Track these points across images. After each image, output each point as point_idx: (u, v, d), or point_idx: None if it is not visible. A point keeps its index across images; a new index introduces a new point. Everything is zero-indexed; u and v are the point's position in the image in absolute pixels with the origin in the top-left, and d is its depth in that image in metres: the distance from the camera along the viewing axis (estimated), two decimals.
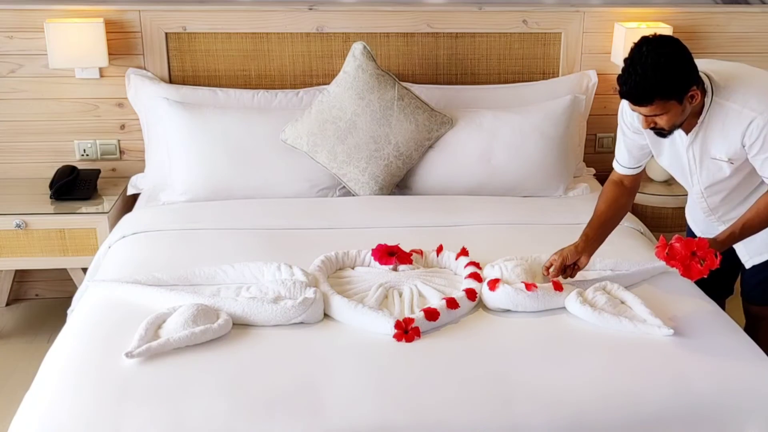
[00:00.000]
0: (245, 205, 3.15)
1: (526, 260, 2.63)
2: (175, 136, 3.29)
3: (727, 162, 2.44)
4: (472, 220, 3.05)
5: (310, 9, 3.51)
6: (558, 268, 2.52)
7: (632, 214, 3.26)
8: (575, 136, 3.50)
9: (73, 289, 3.19)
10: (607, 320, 2.34)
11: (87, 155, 3.59)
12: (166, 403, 2.02)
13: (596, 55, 3.65)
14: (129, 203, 3.45)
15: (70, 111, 3.53)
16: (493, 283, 2.45)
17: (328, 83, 3.38)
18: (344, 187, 3.30)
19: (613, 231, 2.67)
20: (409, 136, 3.26)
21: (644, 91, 2.23)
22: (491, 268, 2.57)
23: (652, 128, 2.37)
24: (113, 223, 3.19)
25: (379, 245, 2.68)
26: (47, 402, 2.06)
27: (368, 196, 3.25)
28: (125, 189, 3.48)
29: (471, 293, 2.46)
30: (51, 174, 3.43)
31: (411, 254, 2.67)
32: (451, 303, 2.39)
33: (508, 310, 2.44)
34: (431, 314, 2.33)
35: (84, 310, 2.48)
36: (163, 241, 2.87)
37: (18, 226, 3.21)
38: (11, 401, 2.46)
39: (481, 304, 2.48)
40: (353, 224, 3.00)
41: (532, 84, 3.62)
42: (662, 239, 2.33)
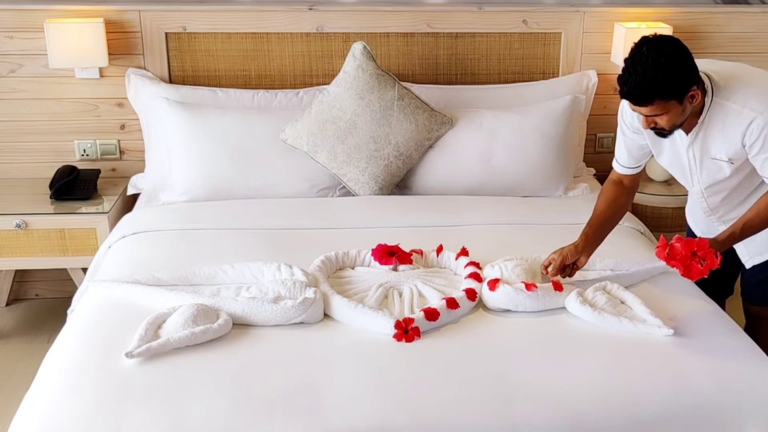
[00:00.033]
0: (245, 205, 3.15)
1: (526, 260, 2.63)
2: (175, 136, 3.29)
3: (728, 162, 2.44)
4: (472, 220, 3.05)
5: (310, 9, 3.51)
6: (558, 267, 2.52)
7: (632, 214, 3.26)
8: (575, 136, 3.50)
9: (73, 289, 3.19)
10: (607, 320, 2.34)
11: (87, 155, 3.59)
12: (166, 403, 2.02)
13: (596, 55, 3.65)
14: (129, 203, 3.44)
15: (70, 111, 3.53)
16: (493, 283, 2.45)
17: (328, 83, 3.38)
18: (344, 187, 3.30)
19: (614, 231, 2.67)
20: (409, 136, 3.26)
21: (644, 91, 2.23)
22: (491, 268, 2.57)
23: (652, 128, 2.37)
24: (113, 223, 3.19)
25: (379, 245, 2.68)
26: (47, 402, 2.06)
27: (368, 196, 3.24)
28: (125, 189, 3.48)
29: (471, 293, 2.46)
30: (51, 174, 3.43)
31: (411, 254, 2.67)
32: (451, 303, 2.39)
33: (508, 310, 2.44)
34: (431, 314, 2.33)
35: (84, 310, 2.48)
36: (163, 241, 2.87)
37: (18, 226, 3.21)
38: (11, 401, 2.46)
39: (481, 304, 2.48)
40: (353, 224, 3.00)
41: (532, 84, 3.62)
42: (662, 239, 2.33)
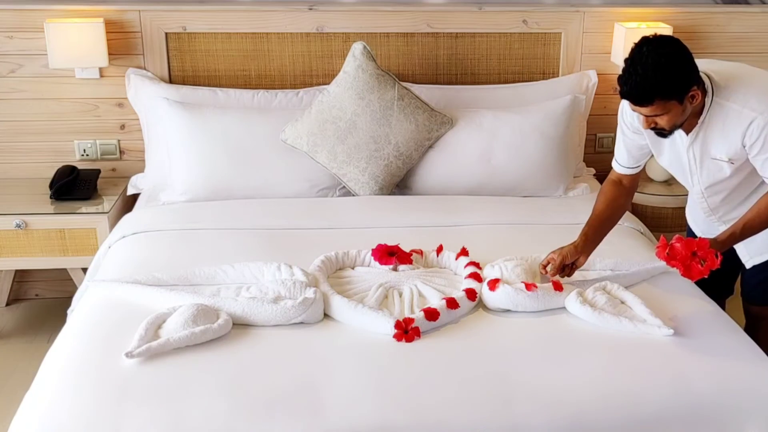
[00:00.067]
0: (245, 205, 3.15)
1: (526, 260, 2.63)
2: (175, 136, 3.29)
3: (728, 162, 2.44)
4: (472, 220, 3.05)
5: (310, 9, 3.51)
6: (557, 267, 2.52)
7: (632, 214, 3.26)
8: (575, 136, 3.50)
9: (73, 289, 3.19)
10: (607, 320, 2.34)
11: (87, 155, 3.59)
12: (166, 403, 2.02)
13: (596, 55, 3.65)
14: (129, 203, 3.44)
15: (70, 111, 3.53)
16: (493, 283, 2.45)
17: (328, 83, 3.38)
18: (344, 187, 3.30)
19: (614, 231, 2.68)
20: (409, 136, 3.26)
21: (645, 91, 2.23)
22: (491, 268, 2.57)
23: (652, 128, 2.37)
24: (113, 223, 3.19)
25: (379, 245, 2.68)
26: (47, 402, 2.06)
27: (368, 196, 3.24)
28: (125, 189, 3.48)
29: (471, 293, 2.46)
30: (51, 174, 3.43)
31: (411, 254, 2.67)
32: (451, 303, 2.39)
33: (508, 310, 2.44)
34: (431, 314, 2.33)
35: (84, 310, 2.48)
36: (163, 241, 2.87)
37: (18, 226, 3.21)
38: (11, 401, 2.46)
39: (481, 304, 2.48)
40: (353, 224, 3.00)
41: (532, 84, 3.62)
42: (663, 239, 2.33)
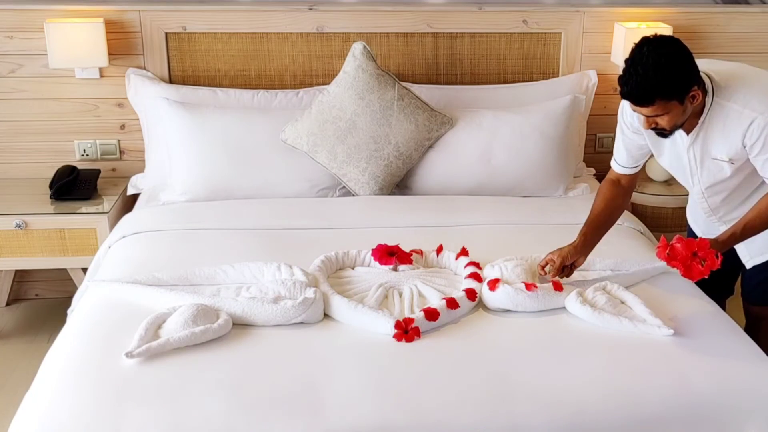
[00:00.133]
0: (245, 205, 3.15)
1: (526, 260, 2.63)
2: (175, 136, 3.29)
3: (728, 162, 2.44)
4: (472, 220, 3.05)
5: (310, 9, 3.51)
6: (557, 268, 2.52)
7: (632, 214, 3.27)
8: (575, 136, 3.50)
9: (73, 289, 3.19)
10: (607, 320, 2.34)
11: (87, 155, 3.59)
12: (166, 403, 2.02)
13: (596, 55, 3.65)
14: (129, 203, 3.44)
15: (70, 111, 3.53)
16: (493, 283, 2.45)
17: (328, 83, 3.38)
18: (344, 187, 3.30)
19: (614, 231, 2.68)
20: (409, 136, 3.26)
21: (645, 91, 2.23)
22: (491, 268, 2.57)
23: (653, 129, 2.37)
24: (113, 223, 3.19)
25: (379, 245, 2.68)
26: (47, 402, 2.06)
27: (368, 196, 3.24)
28: (125, 189, 3.48)
29: (471, 293, 2.46)
30: (51, 174, 3.43)
31: (411, 254, 2.67)
32: (451, 303, 2.39)
33: (508, 310, 2.44)
34: (431, 314, 2.33)
35: (84, 310, 2.48)
36: (163, 241, 2.87)
37: (18, 226, 3.21)
38: (11, 401, 2.46)
39: (481, 304, 2.48)
40: (353, 224, 3.00)
41: (532, 84, 3.62)
42: (663, 240, 2.33)
